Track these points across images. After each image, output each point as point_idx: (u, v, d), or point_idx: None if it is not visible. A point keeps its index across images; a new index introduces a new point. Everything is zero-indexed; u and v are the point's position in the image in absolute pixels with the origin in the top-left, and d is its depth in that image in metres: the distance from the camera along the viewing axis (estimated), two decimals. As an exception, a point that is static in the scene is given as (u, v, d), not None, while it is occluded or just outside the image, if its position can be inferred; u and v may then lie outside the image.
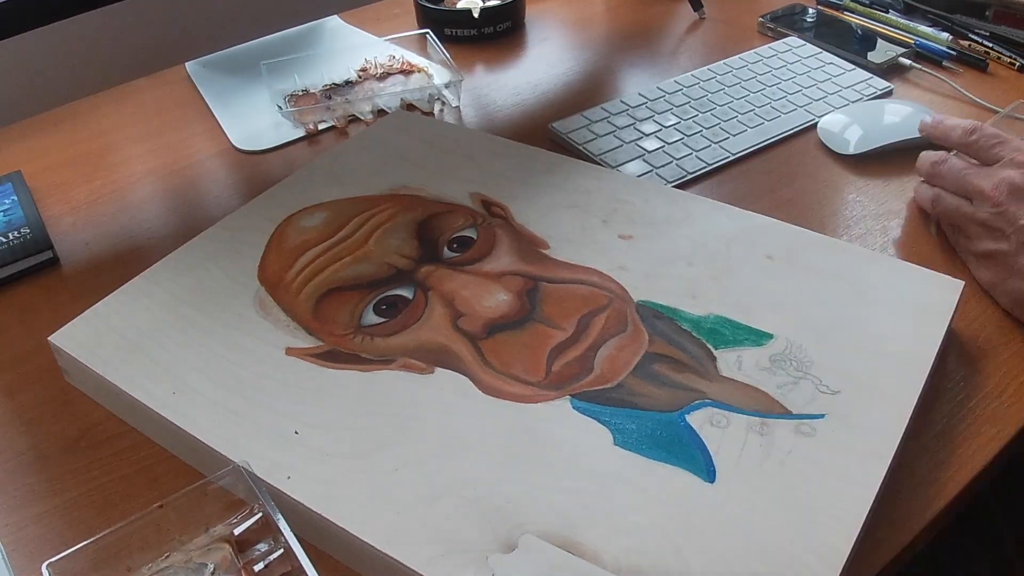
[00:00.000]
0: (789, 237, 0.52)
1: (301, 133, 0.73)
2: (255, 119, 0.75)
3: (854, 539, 0.36)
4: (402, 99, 0.74)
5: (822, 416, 0.42)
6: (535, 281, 0.50)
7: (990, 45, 0.79)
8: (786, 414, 0.42)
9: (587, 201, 0.56)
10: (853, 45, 0.81)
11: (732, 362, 0.45)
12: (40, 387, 0.50)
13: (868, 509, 0.37)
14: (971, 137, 0.54)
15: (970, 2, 0.83)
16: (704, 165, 0.66)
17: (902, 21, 0.84)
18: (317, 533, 0.40)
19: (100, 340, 0.48)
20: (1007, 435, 0.45)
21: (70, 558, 0.37)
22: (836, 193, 0.63)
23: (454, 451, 0.41)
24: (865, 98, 0.73)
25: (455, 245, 0.53)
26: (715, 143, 0.68)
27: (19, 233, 0.60)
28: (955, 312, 0.48)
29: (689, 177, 0.65)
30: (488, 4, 0.87)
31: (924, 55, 0.79)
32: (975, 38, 0.80)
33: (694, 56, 0.83)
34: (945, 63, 0.78)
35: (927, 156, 0.57)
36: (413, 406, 0.43)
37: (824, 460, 0.39)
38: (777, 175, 0.65)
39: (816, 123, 0.70)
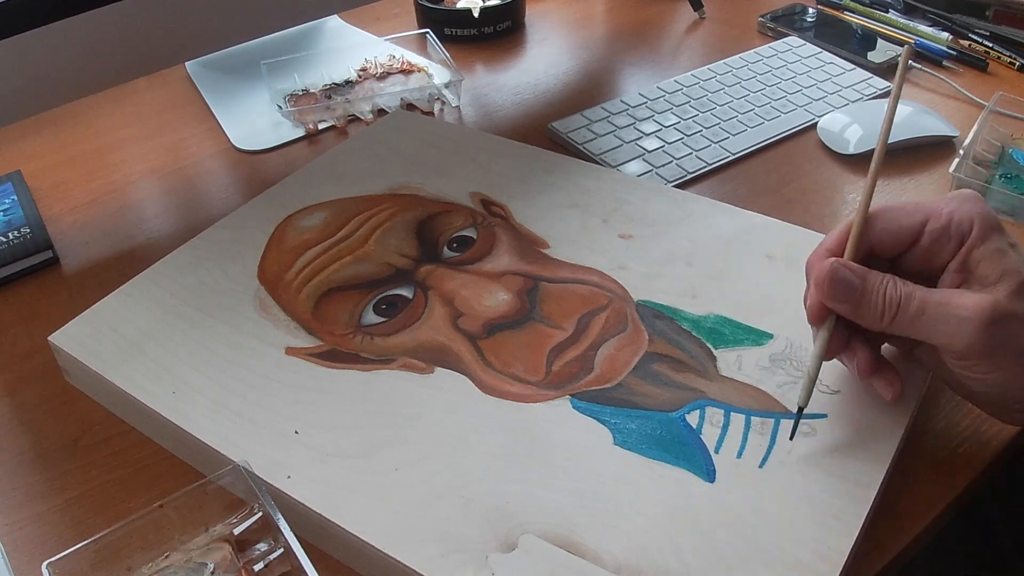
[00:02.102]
0: (789, 237, 0.52)
1: (301, 133, 0.73)
2: (255, 119, 0.75)
3: (854, 539, 0.36)
4: (402, 99, 0.74)
5: (822, 416, 0.41)
6: (535, 281, 0.50)
7: (990, 45, 0.79)
8: (786, 414, 0.42)
9: (587, 201, 0.56)
10: (853, 45, 0.81)
11: (732, 362, 0.45)
12: (40, 387, 0.50)
13: (868, 509, 0.37)
14: None
15: (970, 2, 0.83)
16: (704, 165, 0.66)
17: (902, 21, 0.84)
18: (317, 533, 0.40)
19: (100, 340, 0.48)
20: (1007, 435, 0.45)
21: (70, 558, 0.37)
22: (836, 193, 0.63)
23: (454, 451, 0.41)
24: (865, 98, 0.73)
25: (455, 245, 0.53)
26: (715, 143, 0.68)
27: (19, 233, 0.60)
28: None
29: (689, 177, 0.65)
30: (488, 4, 0.87)
31: (924, 55, 0.79)
32: (975, 38, 0.80)
33: (694, 56, 0.83)
34: (945, 63, 0.78)
35: None
36: (413, 406, 0.43)
37: (824, 460, 0.39)
38: (777, 175, 0.65)
39: (816, 123, 0.70)
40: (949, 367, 0.39)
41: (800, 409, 0.40)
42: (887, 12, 0.86)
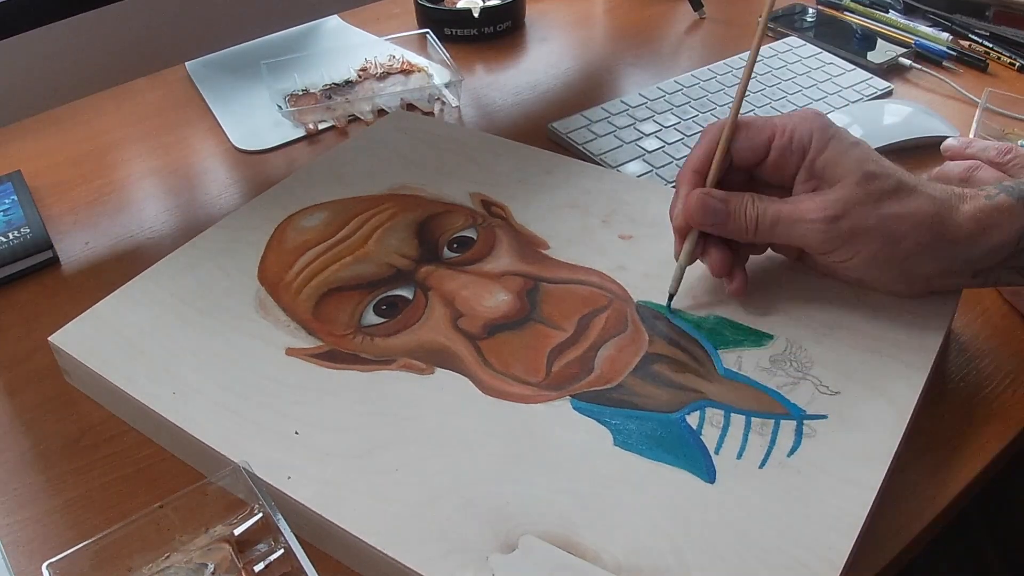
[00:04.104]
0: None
1: (301, 133, 0.73)
2: (255, 119, 0.75)
3: (854, 539, 0.36)
4: (402, 99, 0.75)
5: (822, 416, 0.42)
6: (535, 281, 0.50)
7: (990, 45, 0.79)
8: (787, 415, 0.42)
9: (587, 201, 0.56)
10: (853, 45, 0.81)
11: (732, 362, 0.45)
12: (40, 387, 0.50)
13: (868, 509, 0.37)
14: (1007, 156, 0.50)
15: (970, 2, 0.83)
16: (704, 165, 0.65)
17: (902, 21, 0.84)
18: (317, 533, 0.40)
19: (100, 340, 0.48)
20: (1007, 435, 0.45)
21: (70, 558, 0.37)
22: (836, 193, 0.63)
23: (454, 451, 0.41)
24: (865, 98, 0.73)
25: (455, 245, 0.53)
26: (715, 143, 0.68)
27: (19, 233, 0.60)
28: (955, 312, 0.48)
29: (689, 177, 0.64)
30: (488, 4, 0.87)
31: (924, 55, 0.79)
32: (975, 38, 0.80)
33: (694, 56, 0.83)
34: (945, 63, 0.78)
35: (953, 144, 0.53)
36: (413, 406, 0.43)
37: (824, 460, 0.39)
38: (777, 175, 0.65)
39: (816, 123, 0.70)
40: (822, 263, 0.46)
41: (671, 296, 0.47)
42: (887, 12, 0.86)
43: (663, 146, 0.67)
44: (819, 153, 0.44)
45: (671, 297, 0.47)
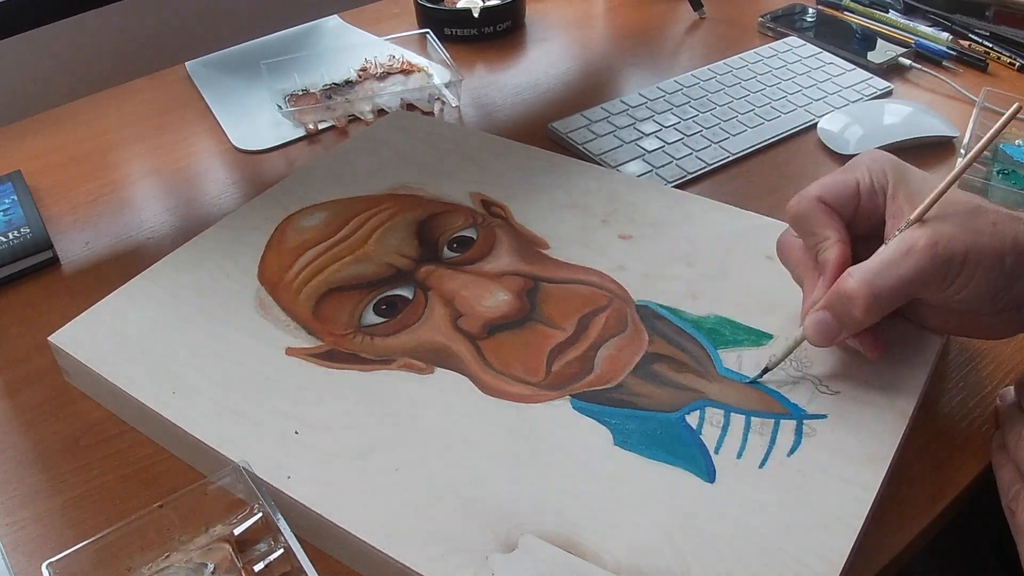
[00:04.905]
0: (789, 237, 0.52)
1: (301, 133, 0.73)
2: (255, 119, 0.75)
3: (854, 539, 0.36)
4: (402, 99, 0.74)
5: (822, 416, 0.42)
6: (535, 281, 0.50)
7: (990, 45, 0.79)
8: (786, 415, 0.42)
9: (587, 201, 0.56)
10: (853, 45, 0.81)
11: (732, 362, 0.45)
12: (40, 387, 0.50)
13: (868, 509, 0.37)
14: None
15: (970, 2, 0.83)
16: (704, 165, 0.66)
17: (902, 21, 0.84)
18: (317, 533, 0.40)
19: (100, 340, 0.48)
20: (1007, 435, 0.45)
21: (70, 558, 0.37)
22: (836, 193, 0.63)
23: (454, 451, 0.41)
24: (865, 98, 0.73)
25: (455, 245, 0.53)
26: (715, 143, 0.68)
27: (19, 233, 0.60)
28: (955, 312, 0.48)
29: (689, 177, 0.65)
30: (488, 4, 0.87)
31: (924, 55, 0.79)
32: (975, 38, 0.80)
33: (694, 56, 0.83)
34: (945, 63, 0.78)
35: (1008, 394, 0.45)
36: (413, 406, 0.43)
37: (824, 460, 0.39)
38: (777, 175, 0.65)
39: (816, 123, 0.70)
40: (937, 306, 0.42)
41: (766, 369, 0.43)
42: (887, 12, 0.86)
43: (663, 146, 0.67)
44: (898, 186, 0.43)
45: (766, 370, 0.43)
